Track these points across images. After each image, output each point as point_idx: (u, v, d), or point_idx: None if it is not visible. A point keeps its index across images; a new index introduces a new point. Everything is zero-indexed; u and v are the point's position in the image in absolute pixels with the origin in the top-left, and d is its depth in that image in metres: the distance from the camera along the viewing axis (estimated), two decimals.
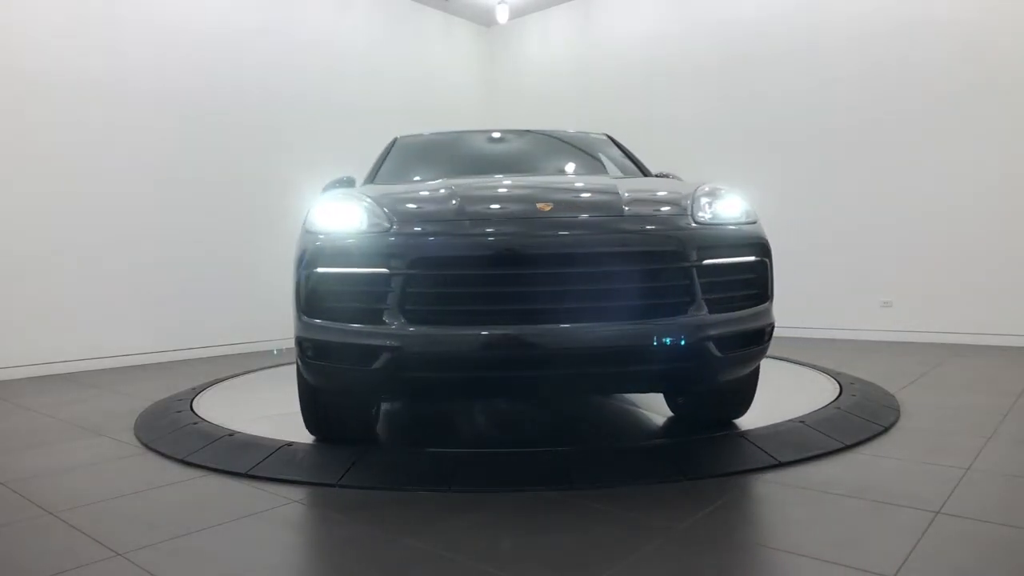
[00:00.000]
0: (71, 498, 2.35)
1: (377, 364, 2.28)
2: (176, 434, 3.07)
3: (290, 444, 2.84)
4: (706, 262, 2.33)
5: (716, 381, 2.66)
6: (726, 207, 2.57)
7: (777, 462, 2.51)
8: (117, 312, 5.49)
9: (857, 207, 6.24)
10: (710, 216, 2.50)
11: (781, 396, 3.71)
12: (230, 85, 6.28)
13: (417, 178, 3.67)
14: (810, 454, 2.60)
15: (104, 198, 5.44)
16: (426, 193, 2.81)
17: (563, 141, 4.12)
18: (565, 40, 8.33)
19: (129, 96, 5.61)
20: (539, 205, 2.52)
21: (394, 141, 4.24)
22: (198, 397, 3.85)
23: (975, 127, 5.69)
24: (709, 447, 2.62)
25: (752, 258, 2.47)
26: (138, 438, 3.14)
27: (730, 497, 2.20)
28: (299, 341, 2.48)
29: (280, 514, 2.15)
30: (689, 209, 2.49)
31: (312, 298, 2.43)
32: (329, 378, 2.55)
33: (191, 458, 2.75)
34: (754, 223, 2.58)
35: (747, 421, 2.92)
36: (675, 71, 7.36)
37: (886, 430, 2.98)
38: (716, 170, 6.96)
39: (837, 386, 3.69)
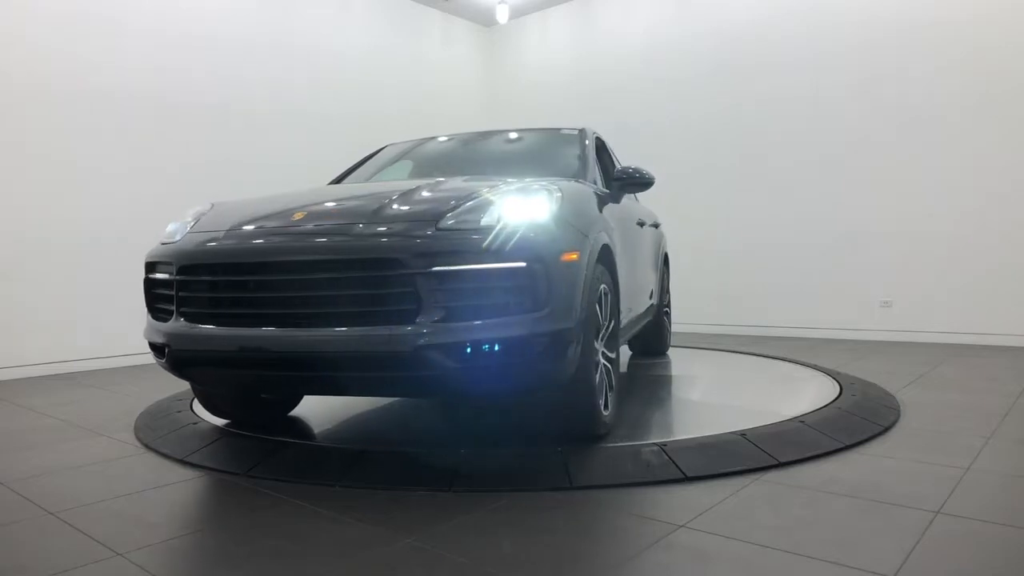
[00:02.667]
0: (71, 498, 2.35)
1: (164, 358, 2.66)
2: (176, 434, 3.07)
3: (290, 444, 2.85)
4: (438, 269, 2.22)
5: (469, 391, 2.62)
6: (502, 212, 2.38)
7: (777, 462, 2.51)
8: (117, 312, 5.49)
9: (857, 207, 6.25)
10: (471, 221, 2.35)
11: (781, 396, 3.72)
12: (229, 85, 6.28)
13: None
14: (810, 454, 2.61)
15: (104, 198, 5.44)
16: (246, 201, 2.98)
17: (525, 141, 4.07)
18: (565, 40, 8.34)
19: (128, 97, 5.61)
20: (295, 215, 2.58)
21: (383, 148, 4.39)
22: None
23: (976, 128, 5.69)
24: (709, 447, 2.62)
25: (511, 264, 2.26)
26: (138, 438, 3.14)
27: (730, 497, 2.20)
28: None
29: (280, 514, 2.15)
30: (444, 215, 2.38)
31: (145, 298, 2.82)
32: (162, 368, 2.82)
33: (191, 458, 2.75)
34: (533, 226, 2.35)
35: (747, 421, 2.92)
36: (674, 70, 7.37)
37: (886, 430, 2.98)
38: (716, 168, 6.98)
39: (837, 386, 3.69)
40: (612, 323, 2.92)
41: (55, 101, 5.22)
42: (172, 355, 2.60)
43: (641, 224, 4.06)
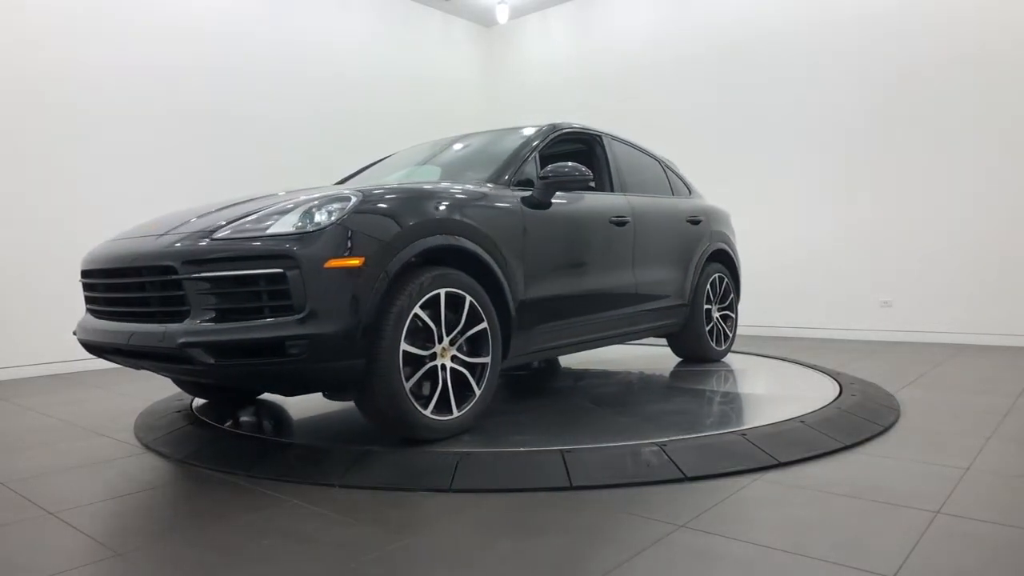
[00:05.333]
0: (71, 498, 2.35)
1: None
2: (176, 434, 3.07)
3: (290, 444, 2.85)
4: (203, 274, 2.45)
5: (241, 387, 3.10)
6: (291, 221, 2.53)
7: (777, 462, 2.51)
8: None
9: (858, 207, 6.25)
10: (251, 231, 2.52)
11: (781, 396, 3.72)
12: (229, 88, 6.28)
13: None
14: (810, 454, 2.61)
15: (103, 198, 5.44)
16: (170, 213, 3.21)
17: (489, 141, 4.02)
18: (565, 40, 8.34)
19: (129, 97, 5.61)
20: (151, 226, 2.90)
21: (391, 154, 4.47)
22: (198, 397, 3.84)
23: (976, 128, 5.69)
24: (709, 447, 2.62)
25: (266, 270, 2.42)
26: (138, 438, 3.14)
27: (730, 497, 2.20)
28: None
29: (280, 514, 2.15)
30: (226, 226, 2.58)
31: None
32: None
33: (191, 458, 2.75)
34: (304, 233, 2.46)
35: (747, 421, 2.92)
36: (674, 69, 7.37)
37: (886, 430, 2.98)
38: (715, 167, 6.97)
39: (837, 386, 3.69)
40: (475, 328, 2.87)
41: (55, 100, 5.22)
42: (79, 340, 3.03)
43: (621, 223, 3.93)
